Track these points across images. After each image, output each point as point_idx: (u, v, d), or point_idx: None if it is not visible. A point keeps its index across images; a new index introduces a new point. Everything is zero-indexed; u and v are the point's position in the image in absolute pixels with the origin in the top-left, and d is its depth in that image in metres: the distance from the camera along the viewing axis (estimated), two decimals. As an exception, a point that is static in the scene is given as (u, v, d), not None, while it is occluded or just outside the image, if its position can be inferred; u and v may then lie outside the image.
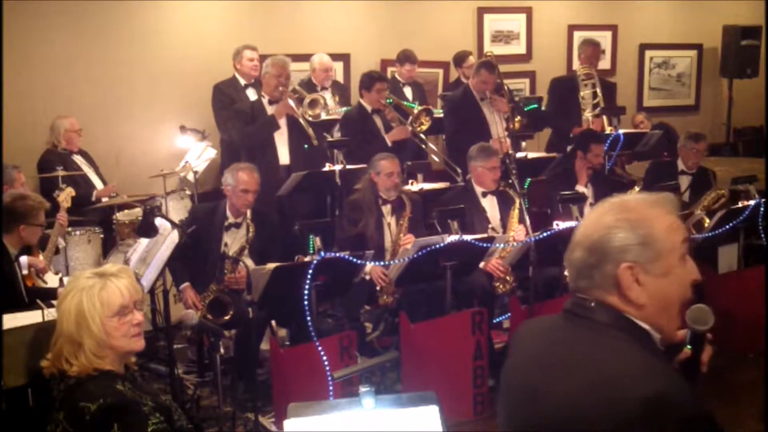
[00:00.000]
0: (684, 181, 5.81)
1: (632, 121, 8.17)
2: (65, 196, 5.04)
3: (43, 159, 5.98)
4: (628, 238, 1.51)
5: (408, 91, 7.03)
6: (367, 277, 4.73)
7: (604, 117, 6.46)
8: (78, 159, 6.11)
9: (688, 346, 1.66)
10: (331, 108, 6.55)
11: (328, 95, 6.71)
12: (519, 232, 4.89)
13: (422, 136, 6.21)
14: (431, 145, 6.39)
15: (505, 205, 5.11)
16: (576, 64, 6.93)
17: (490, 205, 5.16)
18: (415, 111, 6.17)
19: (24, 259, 4.35)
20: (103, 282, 2.33)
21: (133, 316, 2.36)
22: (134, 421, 2.20)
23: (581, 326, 1.55)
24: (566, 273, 1.65)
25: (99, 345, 2.29)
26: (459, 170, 5.93)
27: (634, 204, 1.57)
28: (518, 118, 6.14)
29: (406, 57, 7.04)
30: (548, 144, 6.90)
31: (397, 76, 7.08)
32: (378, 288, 4.71)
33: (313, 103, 5.81)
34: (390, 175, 4.92)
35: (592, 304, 1.55)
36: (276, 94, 5.76)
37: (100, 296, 2.30)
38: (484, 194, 5.16)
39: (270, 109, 5.78)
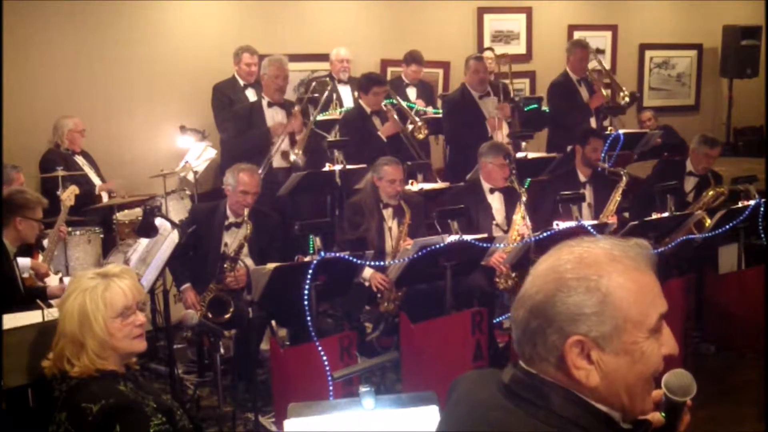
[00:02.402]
0: (690, 182, 5.80)
1: (639, 118, 8.17)
2: (69, 194, 5.03)
3: (44, 159, 5.98)
4: (580, 305, 1.19)
5: (412, 92, 7.01)
6: (367, 284, 4.73)
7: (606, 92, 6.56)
8: (79, 159, 6.11)
9: (662, 414, 1.36)
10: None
11: (347, 90, 6.73)
12: (523, 228, 4.90)
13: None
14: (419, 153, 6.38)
15: (511, 202, 5.13)
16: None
17: (497, 202, 5.19)
18: (418, 123, 6.13)
19: (27, 262, 4.34)
20: (107, 283, 2.33)
21: (135, 317, 2.36)
22: (136, 421, 2.21)
23: (524, 410, 1.24)
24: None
25: (101, 346, 2.29)
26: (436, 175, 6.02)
27: (596, 256, 1.22)
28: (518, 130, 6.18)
29: (413, 58, 7.03)
30: (548, 144, 6.90)
31: (402, 76, 7.05)
32: (379, 295, 4.71)
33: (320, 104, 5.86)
34: (392, 182, 4.91)
35: (538, 384, 1.24)
36: (276, 97, 5.75)
37: (104, 297, 2.30)
38: (492, 191, 5.18)
39: (269, 112, 5.76)
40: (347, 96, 6.72)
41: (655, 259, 1.28)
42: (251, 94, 6.35)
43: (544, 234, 4.51)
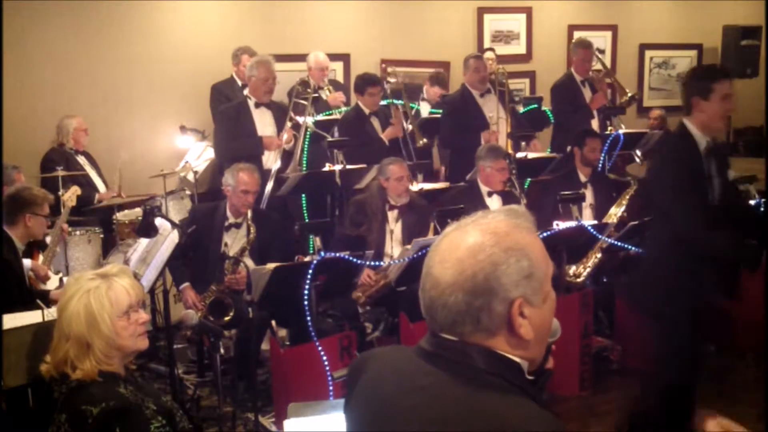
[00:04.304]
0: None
1: (650, 115, 8.15)
2: (70, 194, 5.03)
3: (46, 158, 5.95)
4: (516, 273, 1.33)
5: (425, 106, 6.95)
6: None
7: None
8: (81, 159, 6.10)
9: None
10: (334, 98, 6.53)
11: (324, 93, 6.70)
12: None
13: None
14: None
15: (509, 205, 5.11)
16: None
17: (495, 205, 5.17)
18: (418, 136, 6.12)
19: (27, 263, 4.35)
20: (109, 282, 2.33)
21: (138, 315, 2.37)
22: (136, 424, 2.21)
23: (450, 372, 1.35)
24: (427, 312, 1.43)
25: (109, 345, 2.30)
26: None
27: (505, 228, 1.37)
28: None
29: (437, 80, 7.02)
30: (552, 145, 6.87)
31: (424, 90, 7.02)
32: (359, 284, 4.70)
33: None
34: (399, 180, 4.91)
35: (461, 346, 1.36)
36: (266, 98, 5.75)
37: (109, 296, 2.31)
38: (490, 194, 5.17)
39: (257, 113, 5.75)
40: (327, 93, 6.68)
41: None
42: (249, 94, 6.34)
43: (544, 234, 4.51)
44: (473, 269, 1.33)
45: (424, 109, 6.93)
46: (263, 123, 5.78)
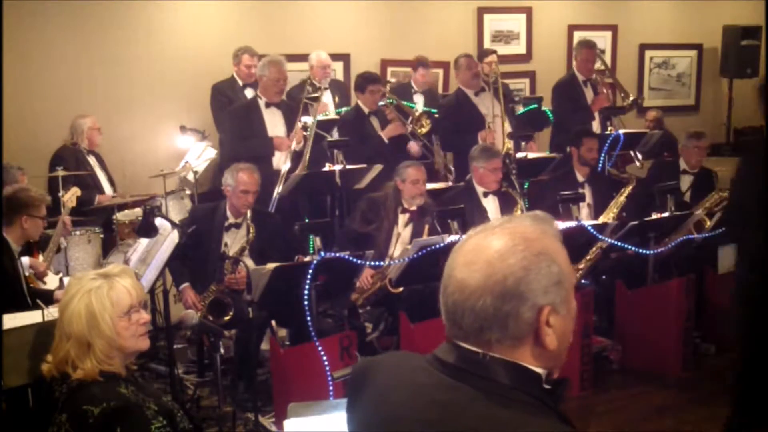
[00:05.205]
0: (686, 181, 5.81)
1: (646, 117, 8.16)
2: (70, 195, 5.03)
3: (56, 156, 5.91)
4: (547, 278, 1.30)
5: (419, 99, 6.96)
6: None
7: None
8: (91, 159, 6.09)
9: None
10: (328, 109, 6.53)
11: (327, 94, 6.70)
12: None
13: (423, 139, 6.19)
14: (432, 147, 6.35)
15: (507, 206, 5.12)
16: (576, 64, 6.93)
17: (492, 206, 5.17)
18: (416, 113, 6.14)
19: (25, 261, 4.35)
20: (110, 282, 2.33)
21: (139, 316, 2.38)
22: (137, 424, 2.21)
23: (473, 388, 1.30)
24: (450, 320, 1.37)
25: (109, 345, 2.30)
26: (452, 172, 6.02)
27: (534, 234, 1.34)
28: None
29: (419, 62, 7.00)
30: (551, 145, 6.87)
31: (411, 81, 7.02)
32: (357, 285, 4.70)
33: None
34: (416, 183, 4.92)
35: (486, 359, 1.30)
36: (276, 98, 5.75)
37: (110, 296, 2.31)
38: (486, 194, 5.17)
39: (267, 112, 5.75)
40: (329, 101, 6.65)
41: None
42: (250, 94, 6.33)
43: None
44: (503, 273, 1.28)
45: (418, 102, 6.91)
46: (273, 123, 5.77)
